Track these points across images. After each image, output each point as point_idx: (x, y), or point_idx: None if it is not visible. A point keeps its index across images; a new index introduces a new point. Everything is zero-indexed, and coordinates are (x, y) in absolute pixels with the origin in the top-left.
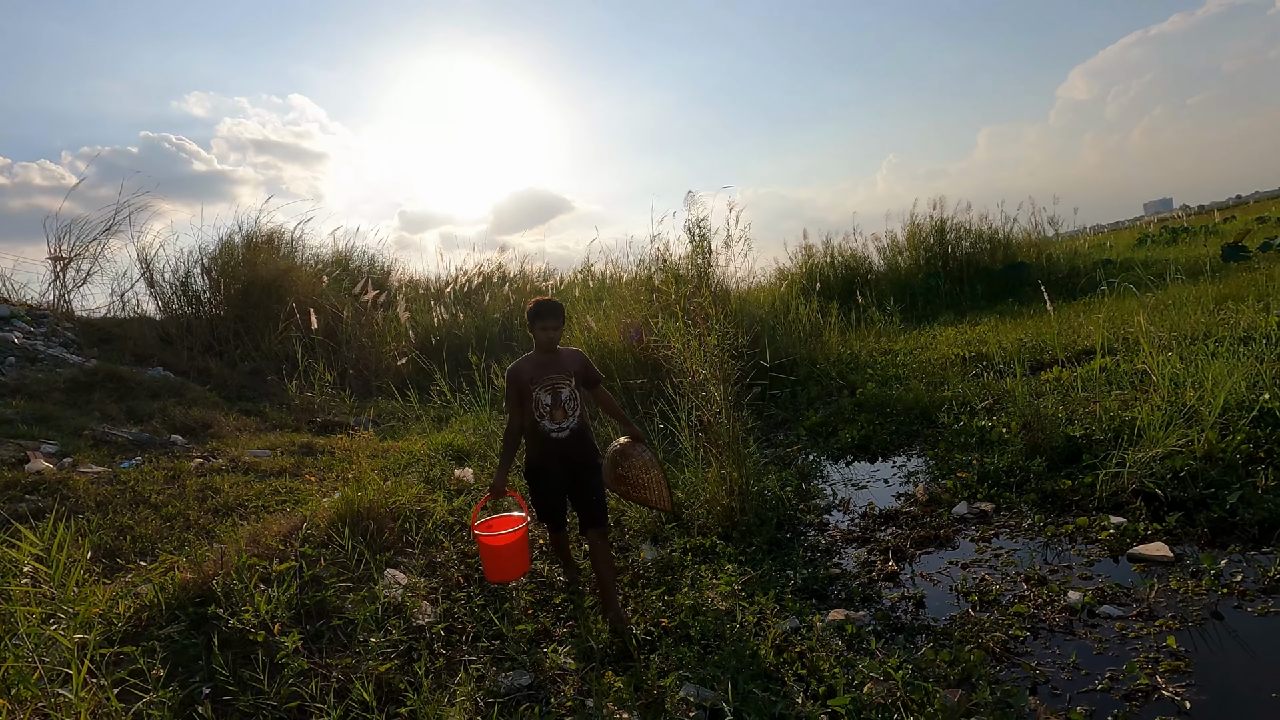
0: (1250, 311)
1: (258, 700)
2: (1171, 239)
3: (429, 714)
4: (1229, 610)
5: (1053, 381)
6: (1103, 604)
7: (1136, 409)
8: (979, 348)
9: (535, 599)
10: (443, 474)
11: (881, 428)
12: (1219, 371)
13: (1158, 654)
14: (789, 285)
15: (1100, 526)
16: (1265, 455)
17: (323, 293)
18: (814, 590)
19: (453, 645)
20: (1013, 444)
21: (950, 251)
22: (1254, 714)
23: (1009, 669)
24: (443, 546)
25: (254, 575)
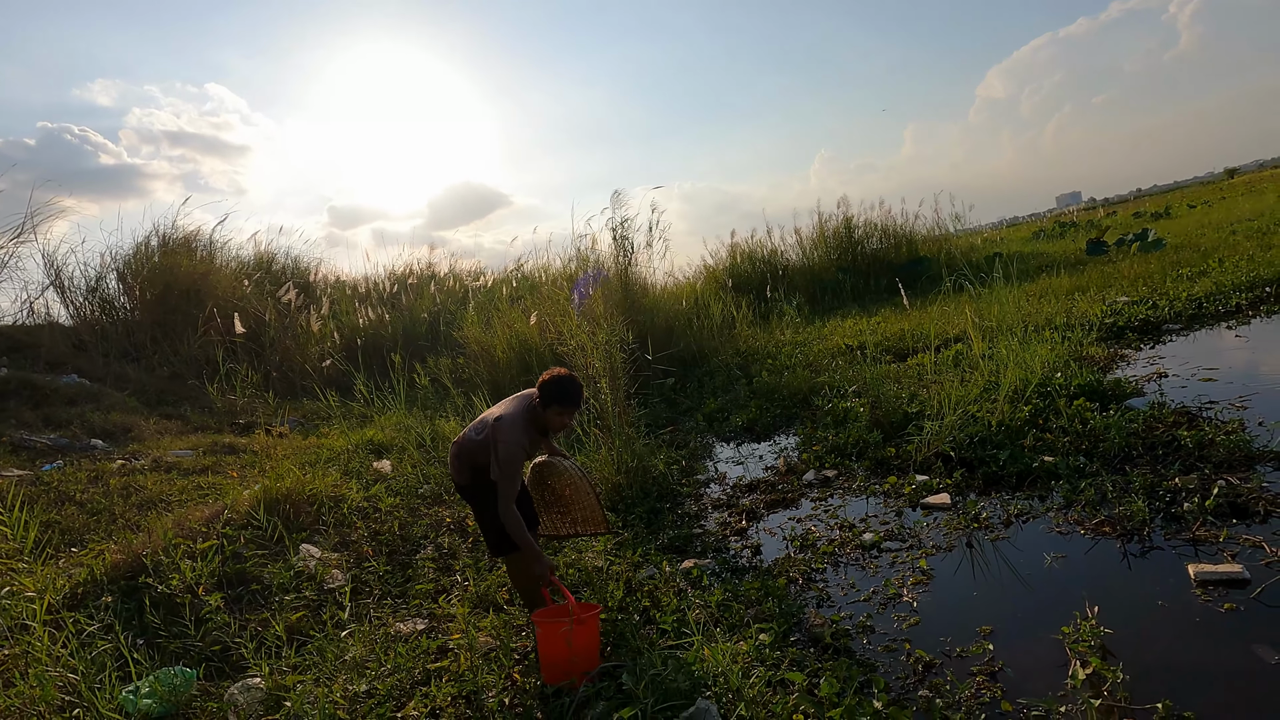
0: (1086, 301)
1: (185, 644)
2: (1060, 233)
3: (331, 649)
4: (975, 539)
5: (915, 366)
6: (887, 541)
7: (961, 388)
8: (866, 338)
9: (438, 566)
10: (361, 466)
11: (768, 412)
12: (1017, 355)
13: (911, 573)
14: (707, 281)
15: (908, 484)
16: (1041, 422)
17: (244, 296)
18: (676, 547)
19: (359, 603)
20: (862, 420)
21: (859, 248)
22: (966, 605)
23: (805, 591)
24: (356, 527)
25: (179, 552)
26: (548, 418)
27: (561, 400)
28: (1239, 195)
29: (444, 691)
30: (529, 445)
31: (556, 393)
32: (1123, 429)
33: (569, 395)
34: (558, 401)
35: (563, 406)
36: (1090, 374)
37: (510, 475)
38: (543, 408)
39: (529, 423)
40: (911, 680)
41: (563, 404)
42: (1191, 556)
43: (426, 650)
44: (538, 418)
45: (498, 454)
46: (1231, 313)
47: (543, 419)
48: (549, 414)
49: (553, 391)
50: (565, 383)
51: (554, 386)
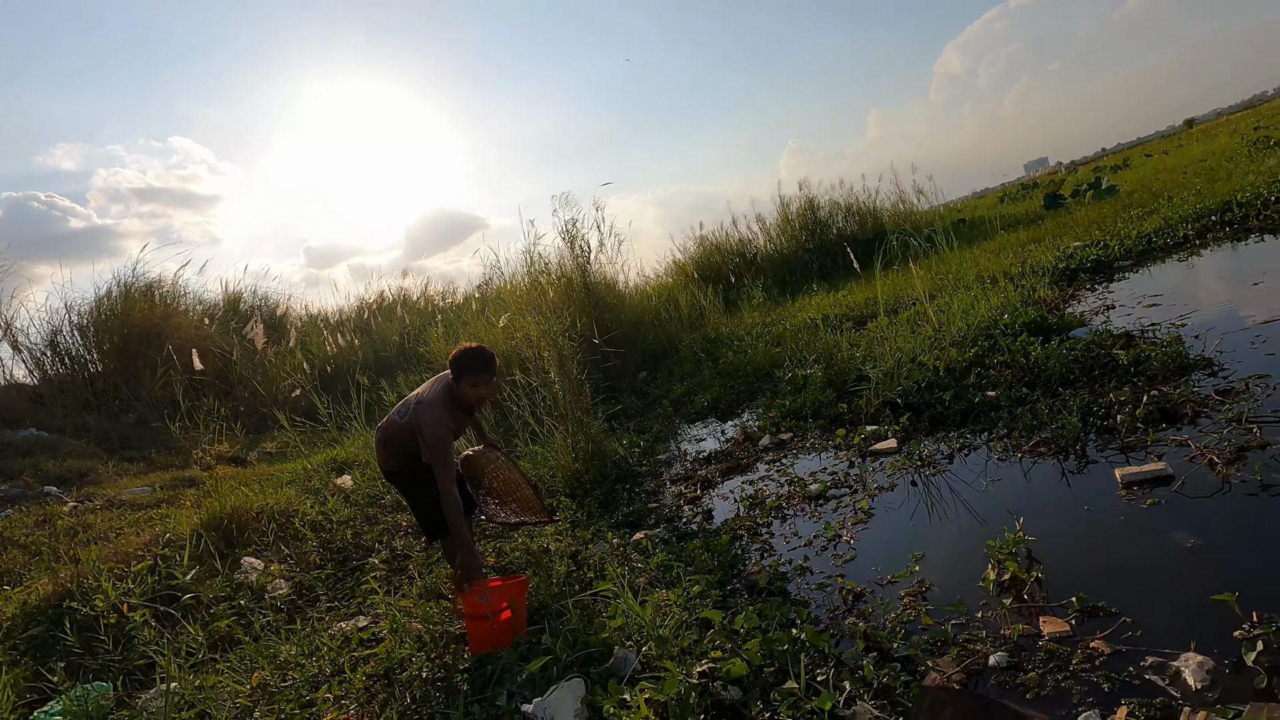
0: (1040, 251)
1: (108, 661)
2: (1025, 195)
3: (262, 651)
4: (919, 476)
5: (874, 329)
6: (833, 489)
7: (911, 339)
8: (829, 310)
9: (390, 567)
10: (321, 484)
11: (732, 389)
12: (962, 304)
13: (853, 514)
14: (677, 276)
15: (858, 434)
16: (986, 361)
17: (209, 335)
18: (630, 522)
19: (303, 608)
20: (817, 384)
21: (825, 229)
22: (903, 537)
23: (750, 545)
24: (306, 539)
25: (104, 573)
26: (463, 391)
27: (470, 370)
28: (1194, 142)
29: (360, 672)
30: (454, 423)
31: (463, 364)
32: (1063, 357)
33: (474, 363)
34: (467, 373)
35: (474, 376)
36: (1035, 311)
37: (441, 457)
38: (456, 383)
39: (449, 401)
40: (840, 610)
41: (472, 373)
42: (1122, 463)
43: (360, 641)
44: (456, 395)
45: (424, 437)
46: (1180, 244)
47: (462, 395)
48: (463, 388)
49: (459, 364)
50: (469, 352)
51: (459, 359)
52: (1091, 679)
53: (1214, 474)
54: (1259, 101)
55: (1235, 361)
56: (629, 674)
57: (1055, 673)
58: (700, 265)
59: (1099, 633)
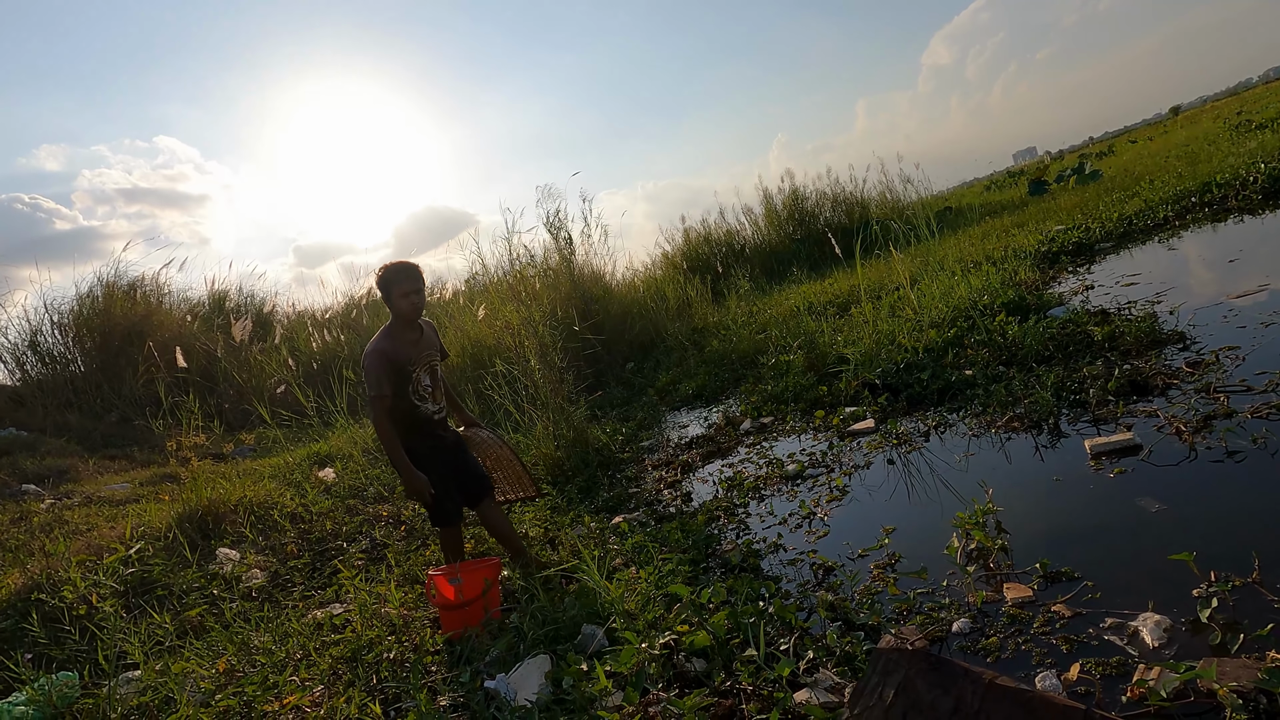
0: (1023, 235)
1: (75, 652)
2: (1012, 183)
3: (233, 639)
4: (895, 454)
5: (858, 314)
6: (810, 469)
7: (891, 322)
8: (814, 298)
9: (369, 556)
10: (303, 477)
11: (717, 377)
12: (942, 288)
13: (828, 492)
14: (664, 268)
15: (837, 416)
16: (964, 342)
17: (192, 333)
18: (610, 507)
19: (278, 597)
20: (799, 368)
21: (812, 219)
22: (876, 513)
23: (727, 523)
24: (285, 530)
25: (73, 565)
26: (397, 305)
27: (396, 279)
28: (1179, 128)
29: (327, 655)
30: (391, 348)
31: (389, 276)
32: (1040, 335)
33: (398, 272)
34: (395, 283)
35: (401, 285)
36: (1014, 292)
37: (370, 383)
38: (388, 301)
39: (388, 333)
40: (811, 585)
41: (399, 282)
42: (1093, 435)
43: (331, 627)
44: (394, 319)
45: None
46: (1160, 225)
47: (396, 310)
48: (396, 301)
49: (386, 278)
50: (391, 265)
51: (385, 272)
52: (1051, 641)
53: (1181, 442)
54: (1244, 88)
55: (1207, 335)
56: (594, 648)
57: (1016, 636)
58: (688, 257)
59: (1061, 597)
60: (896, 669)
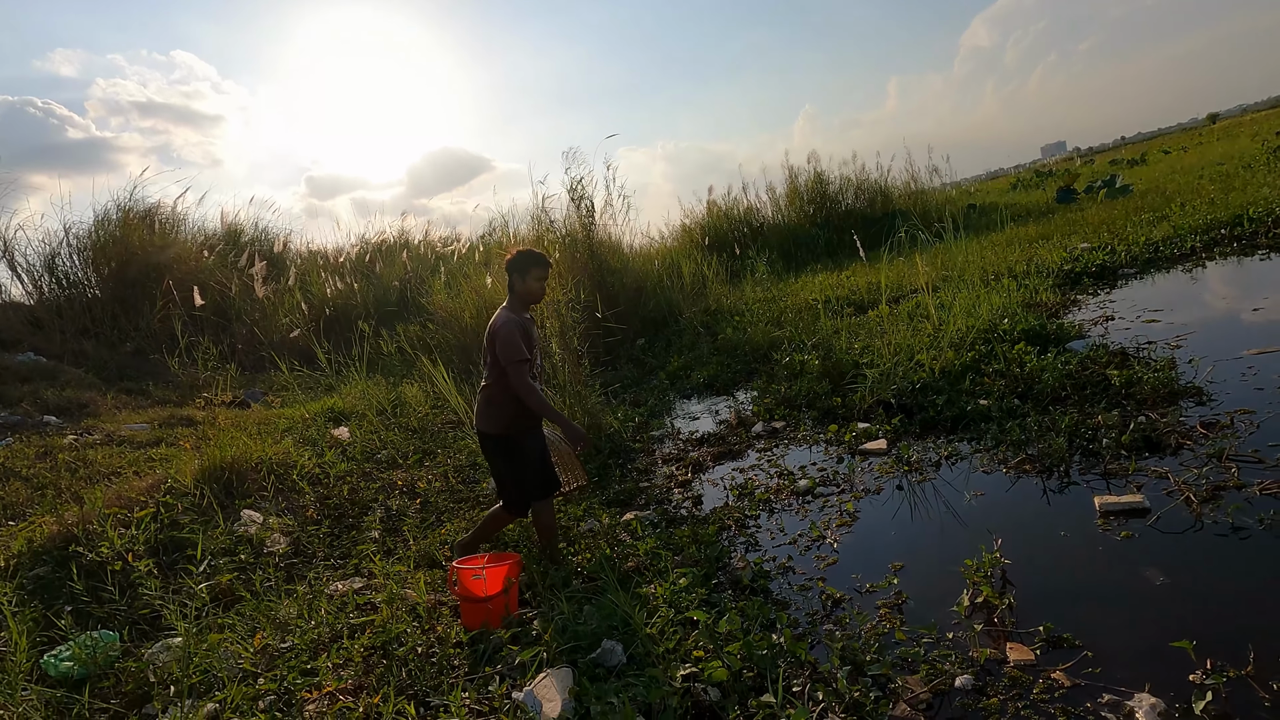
0: (1047, 249)
1: (113, 609)
2: (1038, 183)
3: (262, 609)
4: (905, 481)
5: (874, 318)
6: (821, 487)
7: (910, 336)
8: (831, 292)
9: (385, 527)
10: (319, 434)
11: (729, 368)
12: (966, 304)
13: (838, 515)
14: (682, 241)
15: (849, 432)
16: (982, 367)
17: (207, 268)
18: (622, 500)
19: (300, 565)
20: (814, 372)
21: (834, 204)
22: (885, 544)
23: (736, 537)
24: (304, 492)
25: (109, 521)
26: (529, 286)
27: (536, 262)
28: (1215, 140)
29: (359, 643)
30: (524, 324)
31: (530, 258)
32: (1057, 371)
33: (539, 257)
34: (535, 265)
35: (540, 269)
36: (1035, 319)
37: (511, 350)
38: (522, 279)
39: (513, 308)
40: (819, 615)
41: (539, 265)
42: (1102, 489)
43: (356, 606)
44: (519, 298)
45: (497, 342)
46: (1186, 255)
47: (525, 292)
48: (530, 283)
49: (527, 258)
50: (530, 250)
51: (526, 255)
52: (1049, 710)
53: (1189, 511)
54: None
55: (1224, 392)
56: (615, 666)
57: (1016, 700)
58: (708, 232)
59: (1061, 664)
60: None
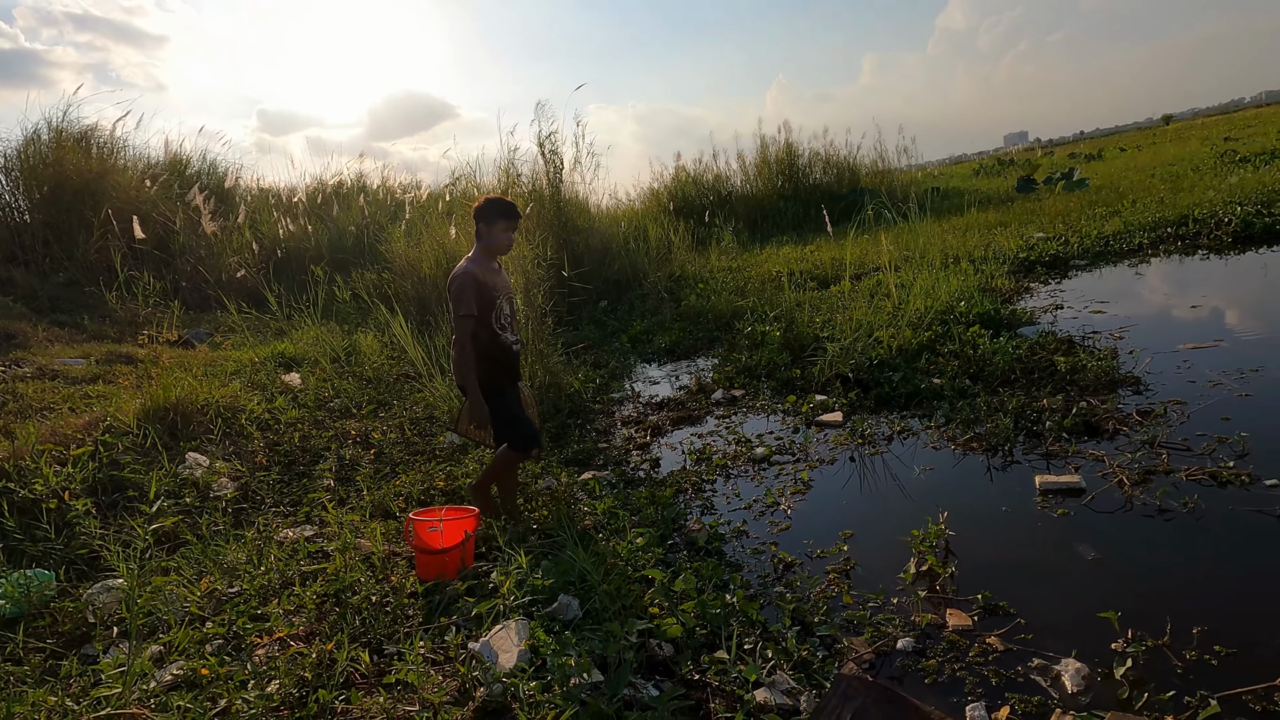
0: (1005, 236)
1: (48, 548)
2: (1000, 171)
3: (209, 554)
4: (858, 453)
5: (836, 293)
6: (778, 455)
7: (870, 314)
8: (795, 265)
9: (338, 476)
10: (268, 379)
11: (691, 334)
12: (926, 285)
13: (793, 483)
14: (650, 204)
15: (807, 403)
16: (937, 347)
17: (149, 199)
18: (580, 460)
19: (248, 511)
20: (775, 343)
21: (802, 177)
22: (836, 512)
23: (693, 500)
24: (253, 438)
25: (44, 457)
26: (495, 237)
27: (505, 213)
28: (1167, 141)
29: (312, 591)
30: (480, 271)
31: (499, 207)
32: (1008, 355)
33: (508, 207)
34: (503, 216)
35: (508, 221)
36: (990, 303)
37: (460, 303)
38: (489, 229)
39: (475, 260)
40: (771, 578)
41: (507, 216)
42: (1043, 469)
43: (306, 554)
44: (484, 247)
45: (450, 292)
46: (1134, 251)
47: (491, 242)
48: (497, 234)
49: (495, 207)
50: (500, 199)
51: (493, 203)
52: (983, 672)
53: (1121, 493)
54: (1235, 108)
55: (1160, 383)
56: (572, 621)
57: (953, 663)
58: (675, 197)
59: (996, 630)
60: (855, 695)
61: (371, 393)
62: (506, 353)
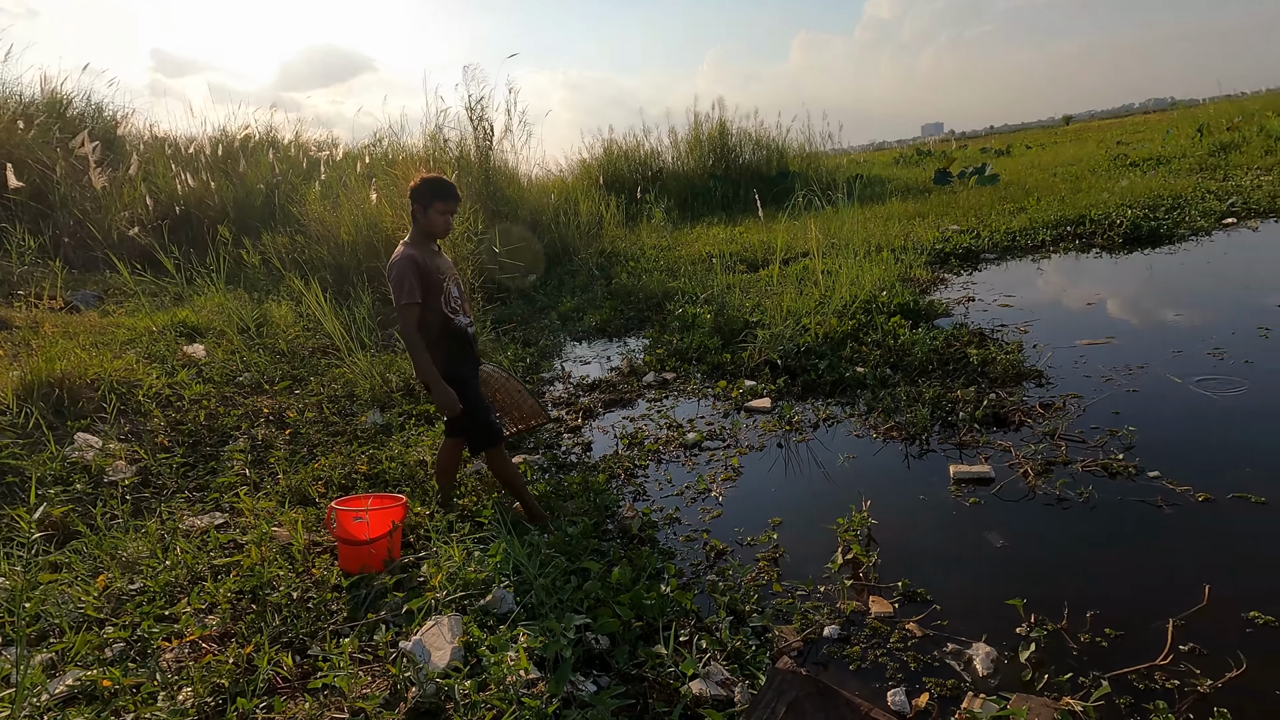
0: (923, 227)
1: None
2: (918, 161)
3: (105, 546)
4: (786, 440)
5: (764, 277)
6: (709, 441)
7: (798, 301)
8: (725, 247)
9: (250, 459)
10: (168, 350)
11: (622, 313)
12: (851, 274)
13: (724, 470)
14: (580, 178)
15: (737, 388)
16: (860, 335)
17: (24, 143)
18: (511, 445)
19: (149, 498)
20: (706, 326)
21: (733, 156)
22: (765, 500)
23: (625, 486)
24: (153, 416)
25: None
26: (432, 220)
27: (442, 194)
28: (1068, 141)
29: (226, 587)
30: (420, 255)
31: (435, 188)
32: (926, 345)
33: (445, 187)
34: (439, 198)
35: (445, 202)
36: (909, 294)
37: (400, 290)
38: (424, 211)
39: (413, 243)
40: (703, 566)
41: (444, 198)
42: (957, 458)
43: (217, 545)
44: (420, 230)
45: (390, 283)
46: (1038, 247)
47: (427, 225)
48: (432, 215)
49: (431, 188)
50: (437, 178)
51: (431, 183)
52: (903, 658)
53: (1025, 483)
54: (1126, 112)
55: (1060, 377)
56: (507, 614)
57: (875, 648)
58: (607, 171)
59: (915, 617)
60: (789, 689)
61: (285, 367)
62: (462, 337)
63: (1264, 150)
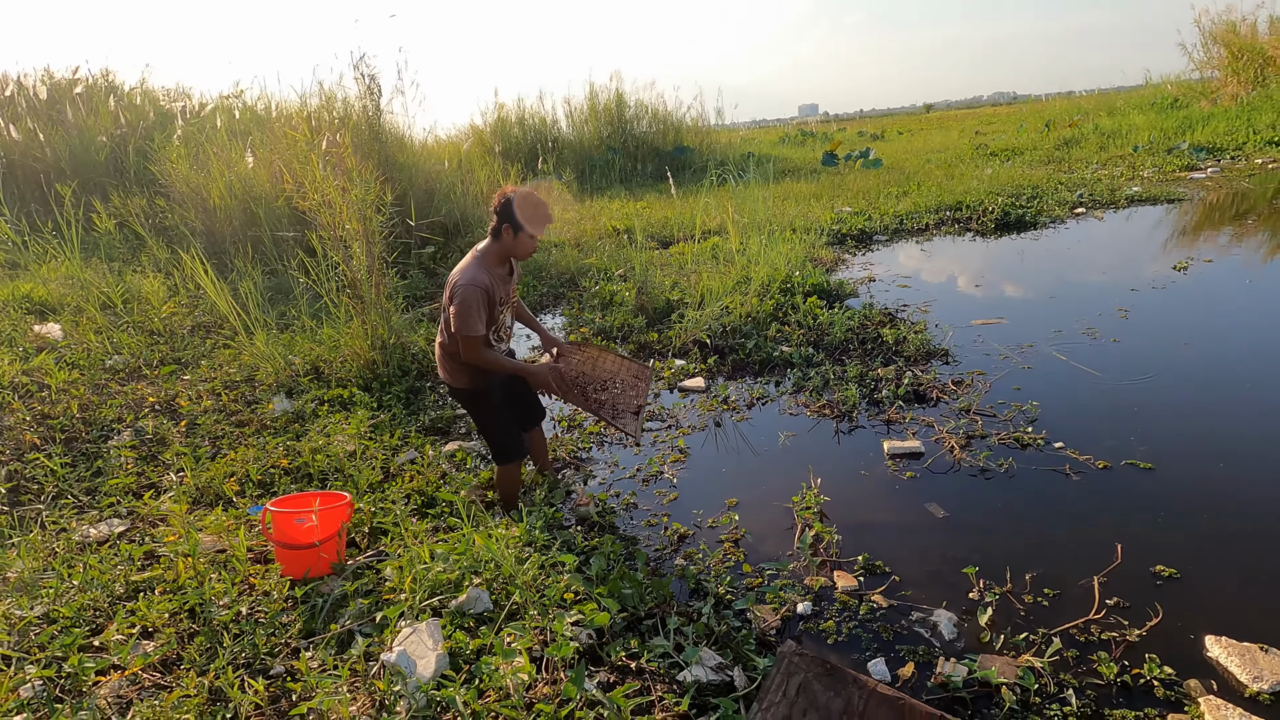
0: (819, 208)
1: None
2: (802, 141)
3: None
4: (725, 419)
5: (677, 254)
6: (650, 422)
7: (719, 280)
8: (633, 222)
9: (140, 455)
10: (15, 330)
11: (535, 290)
12: (765, 253)
13: (671, 451)
14: (474, 144)
15: (668, 368)
16: (781, 315)
17: None
18: (439, 429)
19: (26, 504)
20: (628, 305)
21: (630, 128)
22: (717, 480)
23: (574, 470)
24: (14, 408)
25: None
26: (520, 243)
27: (535, 218)
28: (933, 129)
29: (158, 607)
30: (490, 283)
31: (534, 214)
32: (843, 325)
33: (537, 210)
34: (531, 221)
35: (537, 226)
36: (820, 275)
37: (464, 322)
38: (514, 234)
39: (484, 264)
40: (669, 550)
41: (536, 221)
42: (886, 434)
43: (129, 558)
44: (502, 250)
45: (453, 305)
46: (922, 230)
47: (511, 248)
48: (522, 239)
49: (530, 213)
50: (534, 199)
51: (530, 207)
52: (875, 628)
53: (951, 456)
54: (975, 104)
55: (964, 355)
56: (489, 616)
57: (848, 622)
58: (502, 139)
59: (878, 589)
60: (798, 671)
61: (164, 349)
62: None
63: (1099, 146)
